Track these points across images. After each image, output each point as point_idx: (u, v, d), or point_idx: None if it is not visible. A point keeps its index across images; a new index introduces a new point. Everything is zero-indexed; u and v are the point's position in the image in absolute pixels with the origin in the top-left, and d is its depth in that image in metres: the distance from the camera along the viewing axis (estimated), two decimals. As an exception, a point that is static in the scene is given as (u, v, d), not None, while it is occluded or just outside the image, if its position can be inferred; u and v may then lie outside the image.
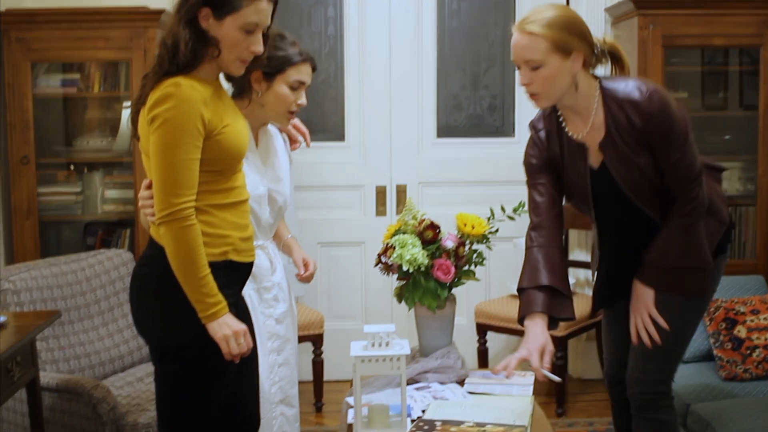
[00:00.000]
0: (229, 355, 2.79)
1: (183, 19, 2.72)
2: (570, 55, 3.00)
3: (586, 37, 3.03)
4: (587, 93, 3.11)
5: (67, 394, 3.74)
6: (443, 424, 3.21)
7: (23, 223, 4.99)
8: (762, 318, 4.01)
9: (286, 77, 3.21)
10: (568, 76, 3.03)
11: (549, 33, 2.96)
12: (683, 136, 3.06)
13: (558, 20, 2.98)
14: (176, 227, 2.67)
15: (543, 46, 2.97)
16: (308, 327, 5.11)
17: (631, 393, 3.36)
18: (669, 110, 3.01)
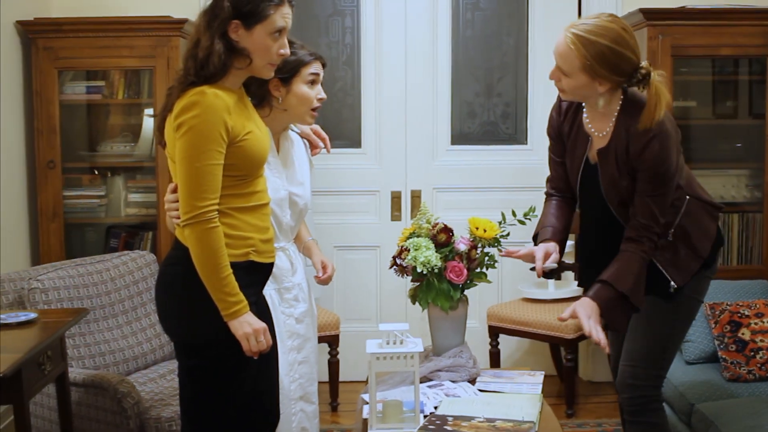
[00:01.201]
0: (249, 351, 2.90)
1: (216, 34, 2.84)
2: (595, 79, 3.12)
3: (619, 71, 3.12)
4: (607, 107, 3.25)
5: (94, 389, 3.85)
6: (455, 420, 3.32)
7: (49, 225, 5.12)
8: (766, 321, 4.11)
9: (302, 77, 3.35)
10: (591, 91, 3.18)
11: (583, 54, 3.09)
12: (666, 181, 3.18)
13: (598, 47, 3.09)
14: (200, 229, 2.80)
15: (575, 63, 3.12)
16: (325, 328, 5.22)
17: (622, 398, 3.49)
18: (666, 157, 3.14)
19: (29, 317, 3.62)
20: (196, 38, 2.89)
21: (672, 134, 3.19)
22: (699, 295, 3.43)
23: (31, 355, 3.25)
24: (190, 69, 2.85)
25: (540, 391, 3.70)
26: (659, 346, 3.38)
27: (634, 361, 3.43)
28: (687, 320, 3.44)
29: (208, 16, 2.88)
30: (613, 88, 3.20)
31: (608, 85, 3.16)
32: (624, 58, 3.12)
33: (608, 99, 3.24)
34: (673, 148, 3.18)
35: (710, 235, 3.35)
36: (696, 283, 3.38)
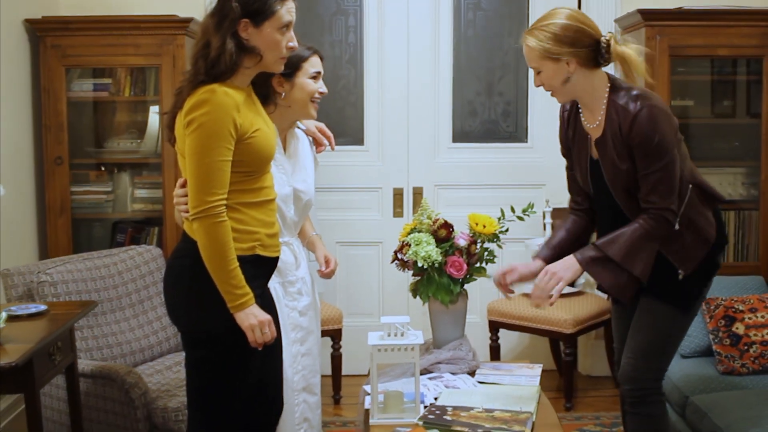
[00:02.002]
0: (255, 343, 2.97)
1: (227, 34, 2.91)
2: (560, 60, 3.25)
3: (579, 43, 3.25)
4: (591, 92, 3.34)
5: (102, 380, 3.93)
6: (454, 410, 3.41)
7: (57, 220, 5.19)
8: (759, 316, 4.19)
9: (304, 72, 3.44)
10: (564, 76, 3.28)
11: (537, 43, 3.25)
12: (662, 153, 3.22)
13: (549, 30, 3.25)
14: (208, 223, 2.87)
15: (536, 55, 3.28)
16: (327, 322, 5.29)
17: (624, 389, 3.56)
18: (655, 126, 3.19)
19: (39, 309, 3.71)
20: (206, 39, 2.95)
21: (660, 107, 3.25)
22: (701, 292, 3.51)
23: (41, 346, 3.33)
24: (201, 68, 2.92)
25: (538, 383, 3.79)
26: (662, 340, 3.46)
27: (637, 354, 3.50)
28: (691, 317, 3.51)
29: (217, 16, 2.95)
30: (582, 63, 3.28)
31: (575, 61, 3.26)
32: (579, 31, 3.25)
33: (586, 82, 3.32)
34: (664, 121, 3.22)
35: (712, 223, 3.40)
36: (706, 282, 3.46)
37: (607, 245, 3.33)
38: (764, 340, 4.12)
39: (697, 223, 3.35)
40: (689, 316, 3.49)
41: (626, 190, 3.37)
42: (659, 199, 3.28)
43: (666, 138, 3.22)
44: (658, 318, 3.45)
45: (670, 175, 3.26)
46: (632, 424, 3.57)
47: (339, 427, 5.15)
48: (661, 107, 3.26)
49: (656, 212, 3.28)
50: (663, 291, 3.42)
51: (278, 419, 3.40)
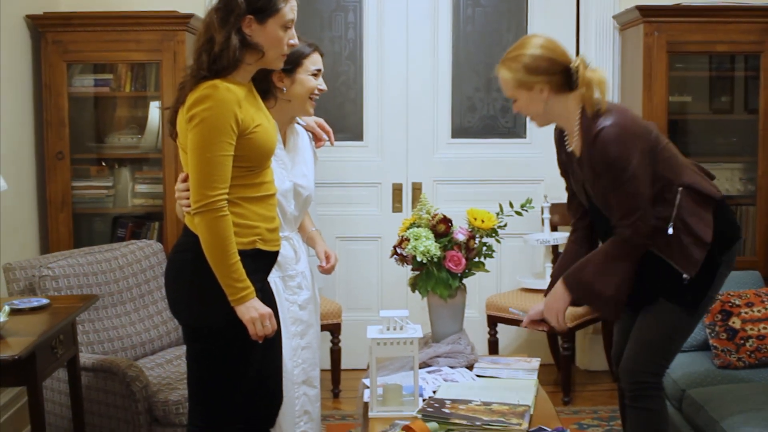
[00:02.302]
0: (255, 336, 3.00)
1: (232, 29, 2.94)
2: (533, 89, 3.37)
3: (551, 71, 3.38)
4: (566, 116, 3.45)
5: (103, 373, 3.96)
6: (452, 403, 3.44)
7: (58, 215, 5.21)
8: (756, 310, 4.22)
9: (304, 68, 3.47)
10: (540, 104, 3.41)
11: (510, 75, 3.39)
12: (619, 172, 3.30)
13: (520, 61, 3.38)
14: (210, 217, 2.90)
15: (510, 84, 3.42)
16: (327, 317, 5.33)
17: (623, 382, 3.59)
18: (614, 147, 3.28)
19: (41, 303, 3.74)
20: (210, 34, 2.97)
21: (620, 125, 3.30)
22: (714, 293, 3.54)
23: (44, 339, 3.36)
24: (203, 63, 2.95)
25: (536, 377, 3.82)
26: (668, 337, 3.48)
27: (639, 349, 3.54)
28: (699, 317, 3.54)
29: (222, 12, 2.97)
30: (555, 91, 3.40)
31: (547, 88, 3.39)
32: (549, 59, 3.39)
33: (561, 107, 3.43)
34: (621, 141, 3.28)
35: (707, 223, 3.39)
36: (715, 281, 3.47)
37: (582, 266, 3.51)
38: (760, 334, 4.15)
39: (691, 225, 3.37)
40: (695, 316, 3.51)
41: (610, 205, 3.45)
42: (621, 217, 3.38)
43: (623, 157, 3.29)
44: (663, 315, 3.48)
45: (630, 193, 3.32)
46: (631, 417, 3.61)
47: (338, 420, 5.18)
48: (623, 125, 3.32)
49: (619, 231, 3.39)
50: (669, 291, 3.45)
51: (278, 412, 3.44)
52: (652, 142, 3.38)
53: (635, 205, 3.33)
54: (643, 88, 5.20)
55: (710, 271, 3.43)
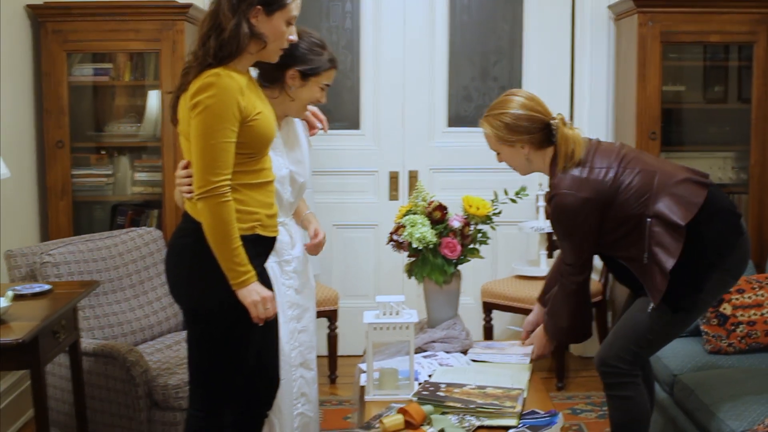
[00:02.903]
0: (257, 318, 3.06)
1: (242, 16, 3.00)
2: (515, 146, 3.59)
3: (531, 129, 3.57)
4: (545, 168, 3.66)
5: (104, 358, 4.01)
6: (447, 386, 3.51)
7: (58, 203, 5.25)
8: (746, 297, 4.28)
9: (319, 80, 3.52)
10: (522, 158, 3.64)
11: (494, 132, 3.63)
12: (564, 235, 3.57)
13: (503, 120, 3.59)
14: (213, 203, 2.96)
15: (493, 140, 3.65)
16: (324, 303, 5.38)
17: (596, 365, 3.67)
18: (558, 215, 3.52)
19: (43, 288, 3.79)
20: (217, 21, 3.02)
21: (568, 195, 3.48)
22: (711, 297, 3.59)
23: (46, 324, 3.41)
24: (210, 50, 3.00)
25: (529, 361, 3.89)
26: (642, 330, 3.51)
27: (615, 337, 3.60)
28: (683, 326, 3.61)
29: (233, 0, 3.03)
30: (535, 147, 3.60)
31: (528, 145, 3.59)
32: (530, 119, 3.57)
33: (540, 161, 3.64)
34: (573, 209, 3.47)
35: (673, 252, 3.40)
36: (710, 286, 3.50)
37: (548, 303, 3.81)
38: (751, 320, 4.21)
39: (656, 254, 3.41)
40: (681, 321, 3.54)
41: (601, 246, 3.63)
42: (565, 262, 3.62)
43: (569, 223, 3.51)
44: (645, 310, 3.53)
45: (573, 248, 3.56)
46: (609, 405, 3.68)
47: (335, 405, 5.25)
48: (573, 194, 3.47)
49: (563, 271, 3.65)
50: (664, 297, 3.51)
51: (276, 394, 3.51)
52: (608, 195, 3.48)
53: (575, 257, 3.57)
54: (637, 78, 5.26)
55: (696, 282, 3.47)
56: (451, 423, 3.22)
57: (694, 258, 3.41)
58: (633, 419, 3.61)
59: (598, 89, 5.78)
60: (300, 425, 3.75)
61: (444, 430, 3.16)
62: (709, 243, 3.46)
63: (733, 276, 3.58)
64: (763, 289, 4.31)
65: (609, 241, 3.54)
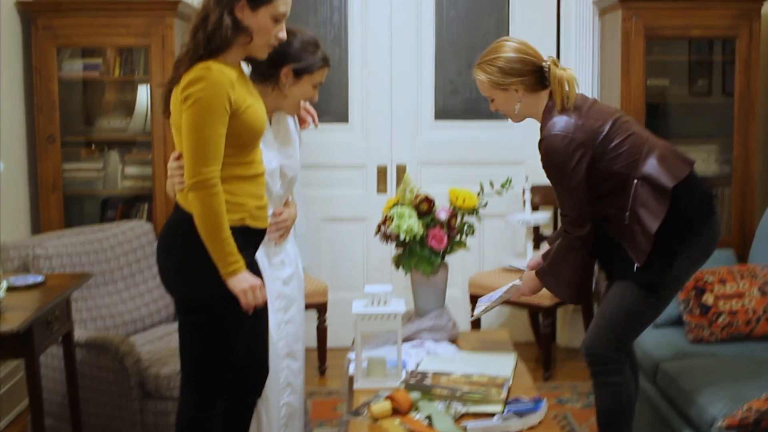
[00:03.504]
0: (247, 305, 3.12)
1: (225, 10, 3.05)
2: (508, 89, 3.59)
3: (524, 72, 3.58)
4: (538, 113, 3.66)
5: (96, 349, 4.06)
6: (434, 375, 3.57)
7: (49, 197, 5.29)
8: (728, 287, 4.35)
9: (312, 78, 3.57)
10: (515, 103, 3.63)
11: (487, 77, 3.61)
12: (556, 180, 3.56)
13: (495, 64, 3.59)
14: (204, 194, 3.01)
15: (486, 85, 3.64)
16: (313, 295, 5.43)
17: (583, 354, 3.72)
18: (549, 157, 3.52)
19: (37, 280, 3.84)
20: (205, 13, 3.08)
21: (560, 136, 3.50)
22: (683, 275, 3.64)
23: (41, 314, 3.47)
24: (200, 41, 3.05)
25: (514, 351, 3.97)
26: (628, 315, 3.57)
27: (599, 325, 3.65)
28: (665, 299, 3.63)
29: None
30: (529, 90, 3.61)
31: (521, 88, 3.60)
32: (522, 61, 3.59)
33: (533, 105, 3.64)
34: (564, 151, 3.48)
35: (657, 215, 3.47)
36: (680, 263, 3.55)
37: (546, 255, 3.75)
38: (732, 309, 4.28)
39: (641, 216, 3.47)
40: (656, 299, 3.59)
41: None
42: (562, 213, 3.63)
43: (561, 164, 3.51)
44: (625, 294, 3.58)
45: (568, 193, 3.55)
46: (597, 393, 3.72)
47: (324, 396, 5.31)
48: (564, 135, 3.49)
49: (563, 223, 3.64)
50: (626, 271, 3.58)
51: (264, 383, 3.56)
52: (600, 145, 3.52)
53: (572, 203, 3.56)
54: (621, 72, 5.33)
55: (664, 260, 3.53)
56: (437, 410, 3.28)
57: (667, 231, 3.49)
58: (620, 406, 3.67)
59: (582, 83, 5.82)
60: (286, 415, 3.80)
61: (431, 416, 3.23)
62: (683, 217, 3.53)
63: (704, 254, 3.64)
64: (744, 280, 4.38)
65: (592, 197, 3.56)
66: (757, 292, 4.33)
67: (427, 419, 3.23)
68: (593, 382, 3.74)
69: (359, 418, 3.31)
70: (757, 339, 4.26)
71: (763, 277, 4.39)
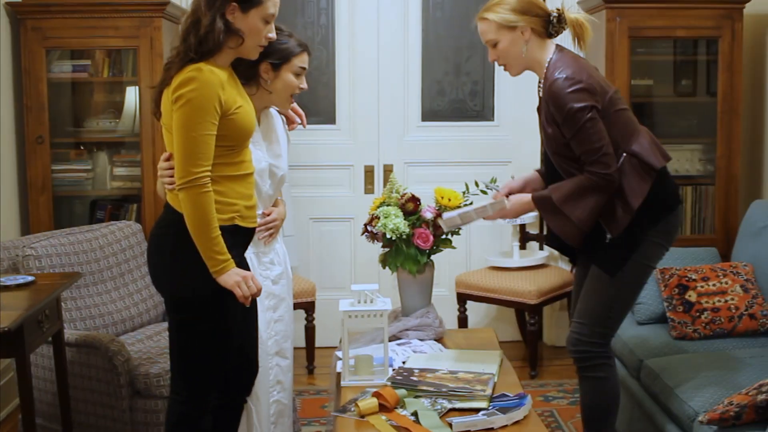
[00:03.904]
0: (243, 297, 3.15)
1: (217, 13, 3.10)
2: (516, 29, 3.57)
3: (533, 12, 3.59)
4: (540, 62, 3.64)
5: (86, 348, 4.09)
6: (420, 372, 3.62)
7: (38, 197, 5.32)
8: (711, 284, 4.41)
9: (291, 66, 3.60)
10: (521, 47, 3.61)
11: (495, 16, 3.58)
12: (573, 123, 3.48)
13: (506, 4, 3.58)
14: (194, 193, 3.05)
15: (493, 27, 3.60)
16: (301, 295, 5.47)
17: (569, 351, 3.77)
18: (565, 99, 3.47)
19: (27, 280, 3.88)
20: (196, 17, 3.13)
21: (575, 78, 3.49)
22: (648, 260, 3.67)
23: (31, 312, 3.50)
24: (191, 44, 3.10)
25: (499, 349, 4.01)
26: (605, 305, 3.65)
27: (581, 318, 3.71)
28: (635, 284, 3.69)
29: None
30: (536, 34, 3.61)
31: (529, 29, 3.59)
32: (530, 3, 3.60)
33: (538, 50, 3.63)
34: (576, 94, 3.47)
35: (640, 192, 3.55)
36: (645, 248, 3.61)
37: (554, 188, 3.62)
38: (715, 306, 4.34)
39: (624, 190, 3.53)
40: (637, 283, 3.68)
41: (556, 153, 3.64)
42: (587, 162, 3.52)
43: (574, 107, 3.47)
44: (601, 286, 3.65)
45: (588, 136, 3.49)
46: (583, 386, 3.78)
47: (312, 395, 5.35)
48: (575, 80, 3.49)
49: (589, 172, 3.53)
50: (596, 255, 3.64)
51: (254, 381, 3.61)
52: (606, 102, 3.54)
53: (596, 146, 3.49)
54: (606, 72, 5.37)
55: (632, 239, 3.59)
56: (423, 406, 3.33)
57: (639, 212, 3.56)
58: (606, 401, 3.74)
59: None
60: (275, 412, 3.84)
61: (417, 412, 3.28)
62: (653, 202, 3.59)
63: (667, 241, 3.70)
64: (727, 277, 4.44)
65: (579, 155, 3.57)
66: (739, 289, 4.39)
67: (414, 415, 3.28)
68: (579, 378, 3.79)
69: (346, 415, 3.36)
70: (739, 335, 4.32)
71: (745, 275, 4.46)
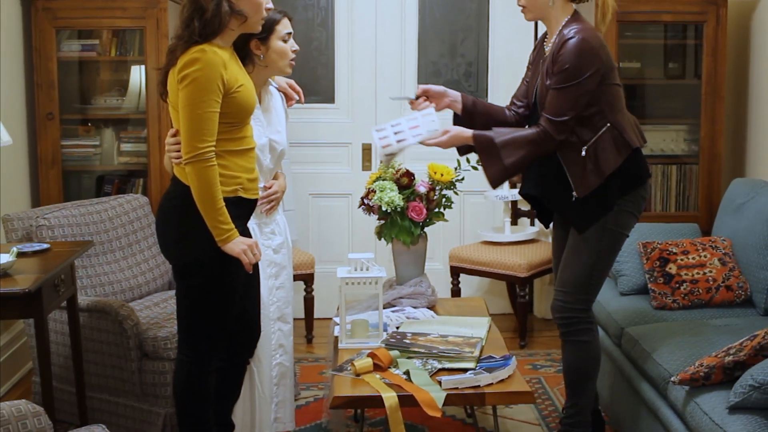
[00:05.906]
0: (248, 264, 3.35)
1: None
2: None
3: None
4: (558, 19, 3.79)
5: (97, 313, 4.30)
6: (413, 335, 3.84)
7: (48, 172, 5.52)
8: (691, 258, 4.62)
9: (277, 34, 3.78)
10: None
11: None
12: (570, 77, 3.64)
13: None
14: (200, 167, 3.25)
15: None
16: (301, 267, 5.68)
17: (554, 318, 3.97)
18: (575, 56, 3.63)
19: (43, 247, 4.08)
20: (198, 3, 3.29)
21: (589, 41, 3.66)
22: (622, 228, 3.86)
23: (49, 276, 3.70)
24: (195, 29, 3.27)
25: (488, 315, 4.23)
26: (586, 273, 3.85)
27: (564, 286, 3.90)
28: (611, 251, 3.89)
29: None
30: None
31: None
32: None
33: (559, 8, 3.78)
34: (586, 54, 3.64)
35: (614, 162, 3.74)
36: (616, 216, 3.81)
37: (499, 132, 3.80)
38: (694, 278, 4.55)
39: (600, 157, 3.72)
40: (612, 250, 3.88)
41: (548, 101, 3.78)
42: (547, 110, 3.71)
43: (578, 66, 3.64)
44: (580, 256, 3.85)
45: (568, 98, 3.67)
46: (566, 350, 3.99)
47: (311, 362, 5.56)
48: (590, 40, 3.67)
49: (542, 123, 3.72)
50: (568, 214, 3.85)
51: (257, 344, 3.83)
52: (607, 69, 3.72)
53: (566, 110, 3.68)
54: (594, 55, 5.55)
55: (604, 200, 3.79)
56: (415, 366, 3.56)
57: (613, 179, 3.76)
58: (588, 363, 3.95)
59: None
60: (278, 374, 4.07)
61: (409, 371, 3.50)
62: (625, 174, 3.79)
63: (637, 210, 3.89)
64: (705, 251, 4.65)
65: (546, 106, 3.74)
66: (717, 263, 4.60)
67: (406, 374, 3.50)
68: (562, 342, 3.98)
69: (343, 373, 3.58)
70: (716, 306, 4.53)
71: (723, 249, 4.67)
